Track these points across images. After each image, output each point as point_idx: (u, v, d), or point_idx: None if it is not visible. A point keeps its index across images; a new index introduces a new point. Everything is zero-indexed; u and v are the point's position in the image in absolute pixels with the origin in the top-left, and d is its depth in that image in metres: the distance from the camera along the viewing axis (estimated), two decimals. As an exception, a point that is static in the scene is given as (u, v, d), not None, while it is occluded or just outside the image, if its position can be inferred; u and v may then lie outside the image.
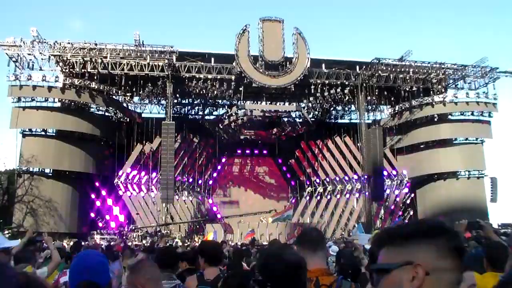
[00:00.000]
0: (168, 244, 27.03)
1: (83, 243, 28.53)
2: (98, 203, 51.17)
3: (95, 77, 48.14)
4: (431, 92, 53.83)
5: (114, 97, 52.41)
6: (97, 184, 51.43)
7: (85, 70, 47.35)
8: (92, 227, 49.06)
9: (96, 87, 48.89)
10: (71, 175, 49.87)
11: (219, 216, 54.85)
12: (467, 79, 54.68)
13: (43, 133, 49.79)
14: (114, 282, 7.06)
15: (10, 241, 4.92)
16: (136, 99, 54.83)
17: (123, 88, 50.30)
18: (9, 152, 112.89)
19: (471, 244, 9.24)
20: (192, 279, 5.70)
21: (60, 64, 47.46)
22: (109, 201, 51.39)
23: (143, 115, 56.79)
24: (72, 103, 49.22)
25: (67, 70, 47.48)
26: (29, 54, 47.13)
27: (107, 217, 50.81)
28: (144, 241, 39.07)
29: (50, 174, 49.32)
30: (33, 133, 49.47)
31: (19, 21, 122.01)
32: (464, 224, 5.83)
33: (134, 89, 50.97)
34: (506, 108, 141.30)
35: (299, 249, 3.86)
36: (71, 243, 23.48)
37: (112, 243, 30.01)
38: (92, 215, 50.56)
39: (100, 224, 49.76)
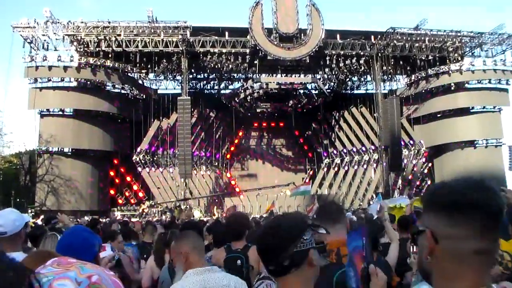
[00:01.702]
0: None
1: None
2: (117, 180, 51.73)
3: (110, 55, 48.09)
4: (448, 60, 53.16)
5: (129, 74, 52.33)
6: (115, 161, 51.97)
7: (100, 49, 47.33)
8: (112, 204, 49.87)
9: (111, 65, 48.89)
10: (89, 154, 50.10)
11: (237, 189, 55.00)
12: (484, 47, 53.65)
13: (60, 113, 49.97)
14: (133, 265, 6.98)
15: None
16: (151, 75, 54.68)
17: (138, 65, 50.08)
18: (29, 133, 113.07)
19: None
20: (220, 251, 5.85)
21: (75, 43, 47.39)
22: (128, 178, 51.91)
23: (159, 91, 56.49)
24: (88, 82, 49.35)
25: (81, 50, 47.43)
26: (43, 35, 47.00)
27: (127, 193, 51.39)
28: (164, 217, 37.99)
29: (69, 153, 49.69)
30: (51, 113, 49.63)
31: (32, 2, 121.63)
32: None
33: (149, 66, 50.75)
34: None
35: (318, 222, 3.88)
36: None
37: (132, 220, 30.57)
38: (112, 192, 51.17)
39: (120, 201, 50.43)
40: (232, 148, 58.37)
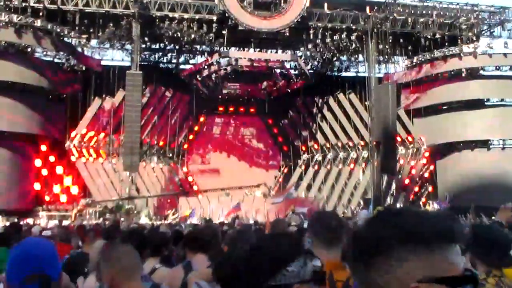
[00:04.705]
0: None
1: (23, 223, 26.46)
2: (44, 172, 45.20)
3: (41, 14, 41.83)
4: (459, 41, 48.25)
5: (66, 39, 45.90)
6: (43, 148, 45.35)
7: (27, 4, 41.23)
8: (37, 202, 44.12)
9: (42, 26, 42.31)
10: (10, 137, 43.70)
11: (195, 188, 51.04)
12: (506, 25, 49.31)
13: (-27, 84, 44.02)
14: None
15: None
16: (94, 42, 48.95)
17: (77, 28, 44.17)
18: None
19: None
20: (178, 269, 5.61)
21: (-6, -5, 41.50)
22: (59, 169, 45.64)
23: (102, 62, 50.79)
24: (11, 46, 42.44)
25: (2, 4, 41.11)
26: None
27: (56, 189, 45.04)
28: (101, 219, 36.88)
29: (-16, 136, 43.88)
30: (-39, 84, 43.72)
31: None
32: (509, 207, 5.66)
33: (91, 30, 45.58)
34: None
35: (312, 239, 3.93)
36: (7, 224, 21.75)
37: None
38: (37, 187, 44.73)
39: (47, 198, 44.42)
40: (191, 137, 53.45)
